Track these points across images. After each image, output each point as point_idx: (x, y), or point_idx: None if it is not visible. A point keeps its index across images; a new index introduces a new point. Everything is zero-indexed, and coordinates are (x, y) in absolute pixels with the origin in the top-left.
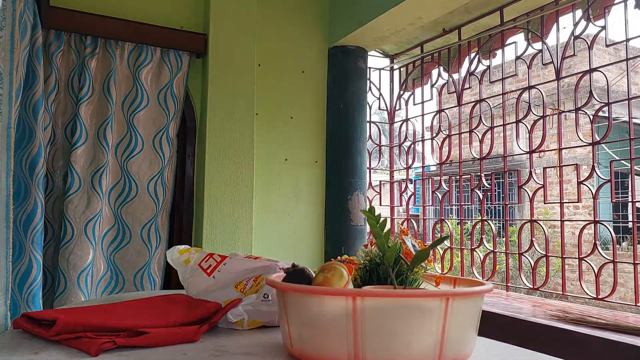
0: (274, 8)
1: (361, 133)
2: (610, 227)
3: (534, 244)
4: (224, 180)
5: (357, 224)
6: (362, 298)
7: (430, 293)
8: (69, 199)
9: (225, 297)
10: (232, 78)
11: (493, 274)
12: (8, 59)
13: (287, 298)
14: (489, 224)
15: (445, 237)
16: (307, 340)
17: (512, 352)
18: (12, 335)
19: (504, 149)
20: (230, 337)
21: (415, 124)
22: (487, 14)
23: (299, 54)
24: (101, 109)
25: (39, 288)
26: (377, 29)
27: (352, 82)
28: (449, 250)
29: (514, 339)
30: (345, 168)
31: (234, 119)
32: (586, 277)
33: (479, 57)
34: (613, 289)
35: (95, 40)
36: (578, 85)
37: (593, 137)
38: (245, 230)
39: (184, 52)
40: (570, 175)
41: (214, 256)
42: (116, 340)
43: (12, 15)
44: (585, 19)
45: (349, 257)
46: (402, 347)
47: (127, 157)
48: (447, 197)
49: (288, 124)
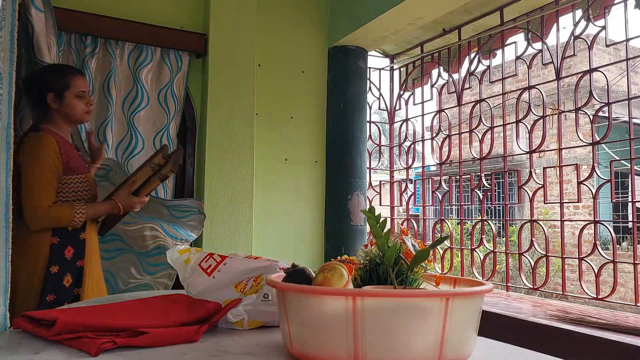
0: (274, 8)
1: (361, 133)
2: (610, 227)
3: (534, 244)
4: (224, 180)
5: (357, 224)
6: (362, 298)
7: (430, 293)
8: None
9: (225, 297)
10: (232, 78)
11: (493, 274)
12: (8, 58)
13: (287, 298)
14: (489, 224)
15: (445, 237)
16: (307, 340)
17: (512, 352)
18: (12, 335)
19: (504, 149)
20: (230, 337)
21: (415, 124)
22: (487, 14)
23: (299, 54)
24: (101, 109)
25: None
26: (377, 29)
27: (352, 82)
28: (449, 250)
29: (514, 339)
30: (345, 168)
31: (234, 119)
32: (586, 277)
33: (479, 57)
34: (613, 289)
35: (95, 40)
36: (578, 85)
37: (593, 137)
38: (245, 230)
39: (184, 52)
40: (570, 175)
41: (214, 256)
42: (116, 340)
43: (12, 15)
44: (585, 19)
45: (349, 257)
46: (402, 347)
47: (127, 156)
48: (447, 197)
49: (288, 124)
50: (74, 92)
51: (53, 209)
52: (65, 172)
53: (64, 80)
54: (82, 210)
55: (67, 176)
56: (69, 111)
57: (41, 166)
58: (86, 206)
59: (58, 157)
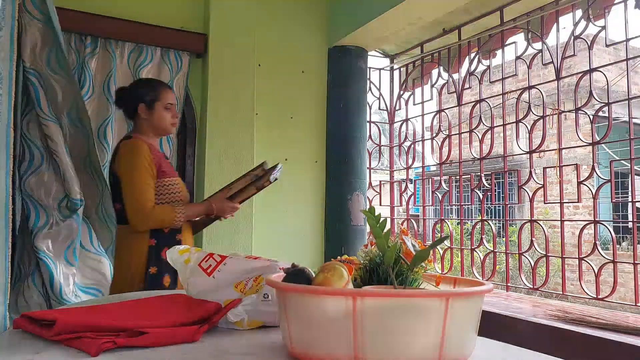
0: (274, 8)
1: (361, 133)
2: (610, 227)
3: (534, 244)
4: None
5: (357, 224)
6: (362, 298)
7: (430, 293)
8: None
9: (225, 297)
10: (232, 78)
11: (493, 274)
12: (8, 58)
13: (287, 298)
14: (489, 224)
15: (445, 237)
16: (307, 340)
17: (512, 352)
18: (12, 335)
19: (504, 149)
20: (230, 337)
21: (415, 124)
22: (487, 14)
23: (299, 54)
24: (101, 109)
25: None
26: (377, 29)
27: (352, 82)
28: (449, 250)
29: (514, 339)
30: (345, 168)
31: (234, 119)
32: (586, 277)
33: (479, 57)
34: (613, 289)
35: (95, 40)
36: (578, 85)
37: (593, 137)
38: (245, 230)
39: (184, 52)
40: (570, 175)
41: (214, 256)
42: (116, 340)
43: (12, 16)
44: (585, 19)
45: (349, 257)
46: (402, 347)
47: None
48: (447, 197)
49: (288, 123)
50: (163, 103)
51: (157, 209)
52: (158, 175)
53: (155, 92)
54: (181, 210)
55: (161, 179)
56: (158, 122)
57: (139, 168)
58: (184, 207)
59: (151, 160)
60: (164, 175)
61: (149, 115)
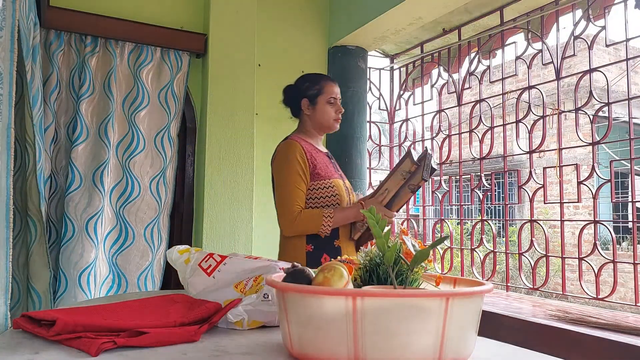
0: (274, 8)
1: (361, 133)
2: (610, 227)
3: (534, 244)
4: (224, 180)
5: None
6: (362, 298)
7: (430, 293)
8: (70, 196)
9: (225, 297)
10: (232, 78)
11: (493, 274)
12: (8, 58)
13: (287, 298)
14: (489, 224)
15: (445, 237)
16: (307, 340)
17: (512, 352)
18: (12, 335)
19: (504, 149)
20: (230, 337)
21: (415, 124)
22: (487, 14)
23: (299, 54)
24: (102, 107)
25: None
26: (377, 29)
27: (352, 82)
28: (449, 250)
29: (514, 339)
30: (345, 168)
31: (234, 119)
32: (586, 277)
33: (479, 57)
34: (613, 289)
35: (96, 40)
36: (578, 85)
37: (593, 137)
38: (245, 230)
39: (184, 52)
40: (570, 175)
41: (214, 256)
42: (116, 340)
43: (12, 15)
44: (585, 19)
45: (349, 257)
46: (402, 347)
47: (128, 155)
48: (447, 197)
49: (288, 123)
50: (326, 97)
51: (303, 215)
52: (312, 177)
53: (318, 86)
54: (329, 215)
55: (314, 182)
56: (320, 117)
57: (289, 170)
58: (334, 212)
59: (304, 162)
60: (318, 178)
61: (312, 110)
